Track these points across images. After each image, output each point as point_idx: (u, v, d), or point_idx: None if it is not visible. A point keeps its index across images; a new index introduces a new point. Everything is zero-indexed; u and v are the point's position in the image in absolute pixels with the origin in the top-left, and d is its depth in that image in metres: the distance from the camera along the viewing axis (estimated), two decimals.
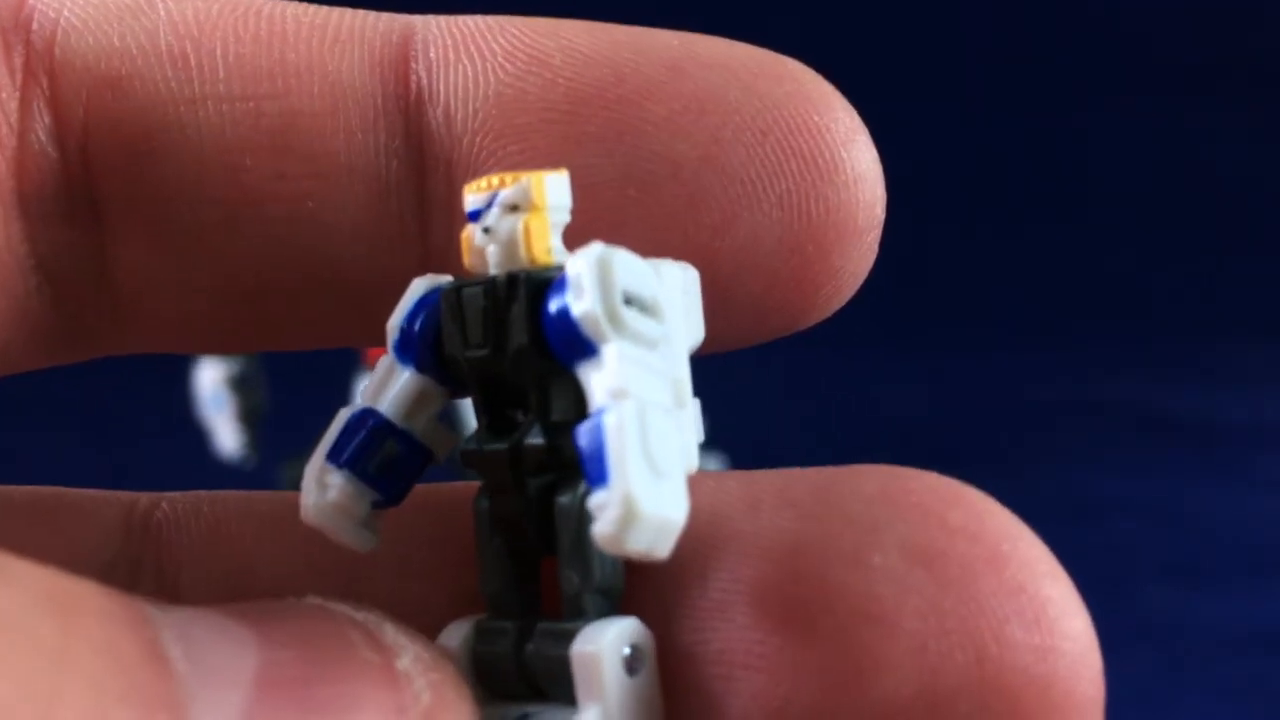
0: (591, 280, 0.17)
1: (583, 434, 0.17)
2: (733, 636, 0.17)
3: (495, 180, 0.18)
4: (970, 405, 0.91)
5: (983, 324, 0.94)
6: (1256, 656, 0.74)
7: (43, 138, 0.20)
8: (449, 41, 0.20)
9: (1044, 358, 0.93)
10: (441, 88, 0.20)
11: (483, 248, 0.18)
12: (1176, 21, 1.00)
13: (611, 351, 0.17)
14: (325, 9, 0.20)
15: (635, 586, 0.18)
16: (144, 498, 0.21)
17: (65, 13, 0.20)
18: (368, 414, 0.19)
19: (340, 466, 0.18)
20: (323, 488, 0.18)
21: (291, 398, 0.73)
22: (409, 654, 0.16)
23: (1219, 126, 1.00)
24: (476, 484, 0.19)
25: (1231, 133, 1.00)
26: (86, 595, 0.14)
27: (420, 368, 0.19)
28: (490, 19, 0.20)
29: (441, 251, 0.20)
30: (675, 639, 0.17)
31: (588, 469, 0.16)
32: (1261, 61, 1.00)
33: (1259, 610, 0.77)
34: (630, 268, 0.17)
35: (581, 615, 0.17)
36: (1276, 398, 0.92)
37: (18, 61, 0.20)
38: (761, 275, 0.18)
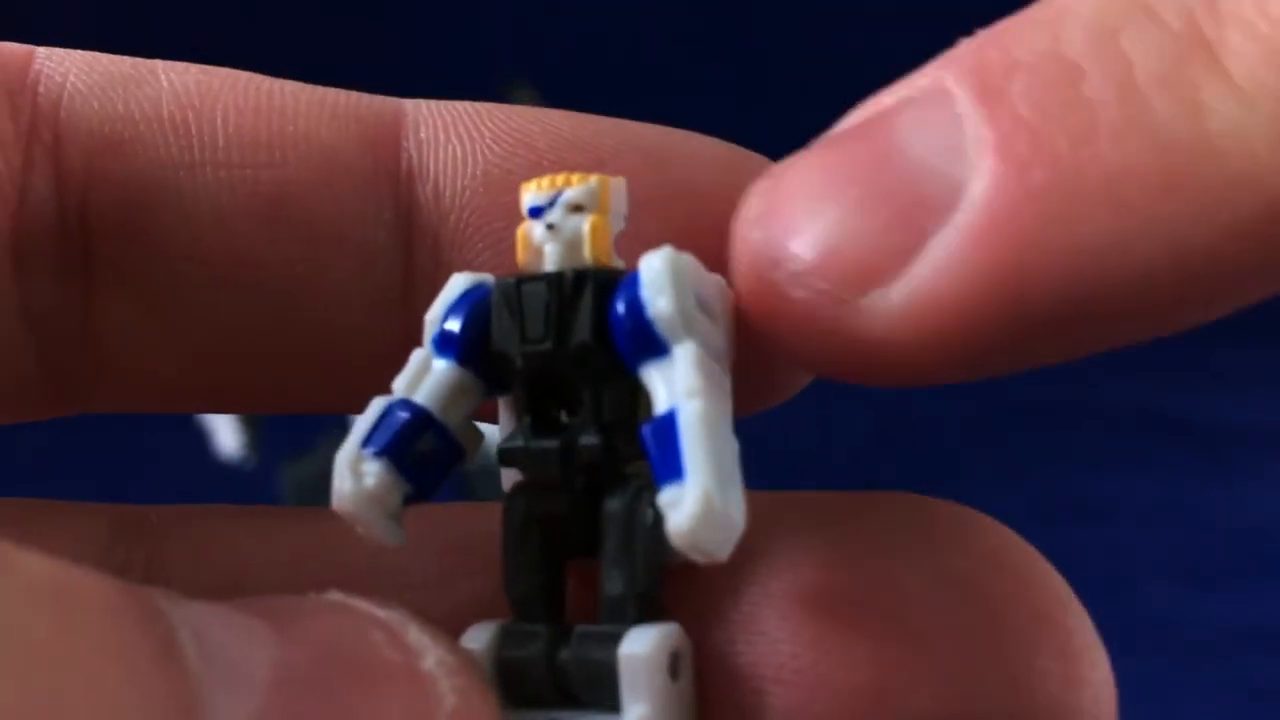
0: (669, 279, 0.17)
1: (654, 431, 0.17)
2: (765, 650, 0.17)
3: (559, 179, 0.18)
4: (970, 405, 0.91)
5: None
6: (1256, 656, 0.74)
7: (43, 195, 0.20)
8: (439, 122, 0.21)
9: None
10: (431, 165, 0.21)
11: (541, 244, 0.18)
12: None
13: (685, 351, 0.17)
14: (323, 88, 0.21)
15: (666, 596, 0.18)
16: (131, 509, 0.22)
17: (71, 77, 0.21)
18: (406, 404, 0.19)
19: (378, 455, 0.18)
20: (359, 475, 0.18)
21: None
22: (433, 656, 0.16)
23: None
24: (467, 503, 0.19)
25: None
26: (92, 588, 0.14)
27: (462, 361, 0.19)
28: (479, 105, 0.21)
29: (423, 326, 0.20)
30: (706, 650, 0.18)
31: (659, 466, 0.17)
32: None
33: (1259, 610, 0.77)
34: (698, 272, 0.18)
35: (622, 619, 0.17)
36: (1277, 399, 0.92)
37: (23, 122, 0.20)
38: (744, 345, 0.19)
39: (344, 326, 0.21)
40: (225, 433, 0.78)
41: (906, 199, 0.16)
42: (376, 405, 0.19)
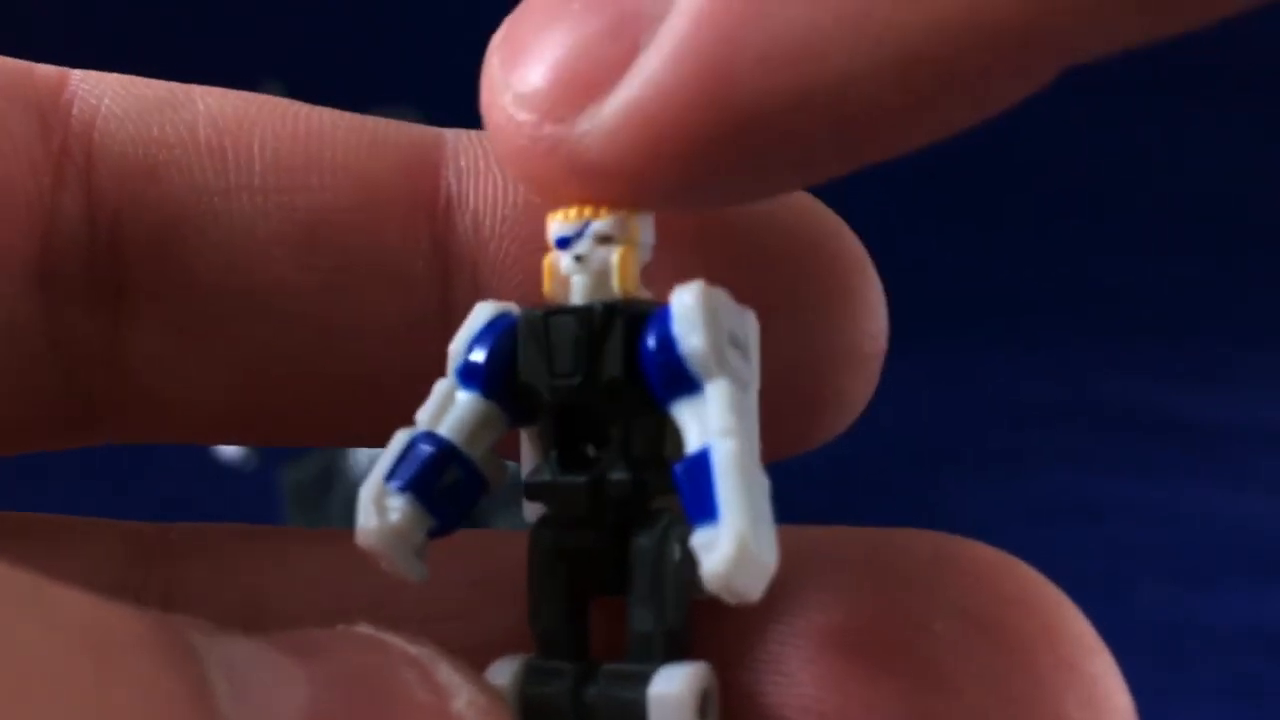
0: (702, 316, 0.17)
1: (687, 470, 0.17)
2: (790, 692, 0.17)
3: (587, 210, 0.18)
4: (970, 405, 0.91)
5: (982, 324, 0.94)
6: (1256, 656, 0.74)
7: (74, 218, 0.20)
8: (479, 152, 0.20)
9: (1044, 358, 0.93)
10: (471, 194, 0.20)
11: (568, 275, 0.18)
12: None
13: (718, 389, 0.17)
14: (361, 116, 0.21)
15: (693, 634, 0.18)
16: (149, 526, 0.21)
17: (106, 100, 0.20)
18: (430, 436, 0.18)
19: (402, 490, 0.18)
20: (384, 510, 0.18)
21: None
22: (464, 696, 0.15)
23: (1220, 127, 1.00)
24: (489, 531, 0.19)
25: (1232, 133, 1.00)
26: (127, 626, 0.13)
27: (487, 394, 0.19)
28: None
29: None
30: (731, 690, 0.17)
31: (692, 506, 0.16)
32: (1263, 62, 1.00)
33: (1259, 610, 0.77)
34: (730, 307, 0.17)
35: (650, 657, 0.17)
36: (1277, 398, 0.92)
37: (55, 144, 0.20)
38: (770, 394, 0.18)
39: (380, 357, 0.21)
40: None
41: (622, 9, 0.15)
42: (400, 438, 0.18)
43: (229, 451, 0.78)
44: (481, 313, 0.19)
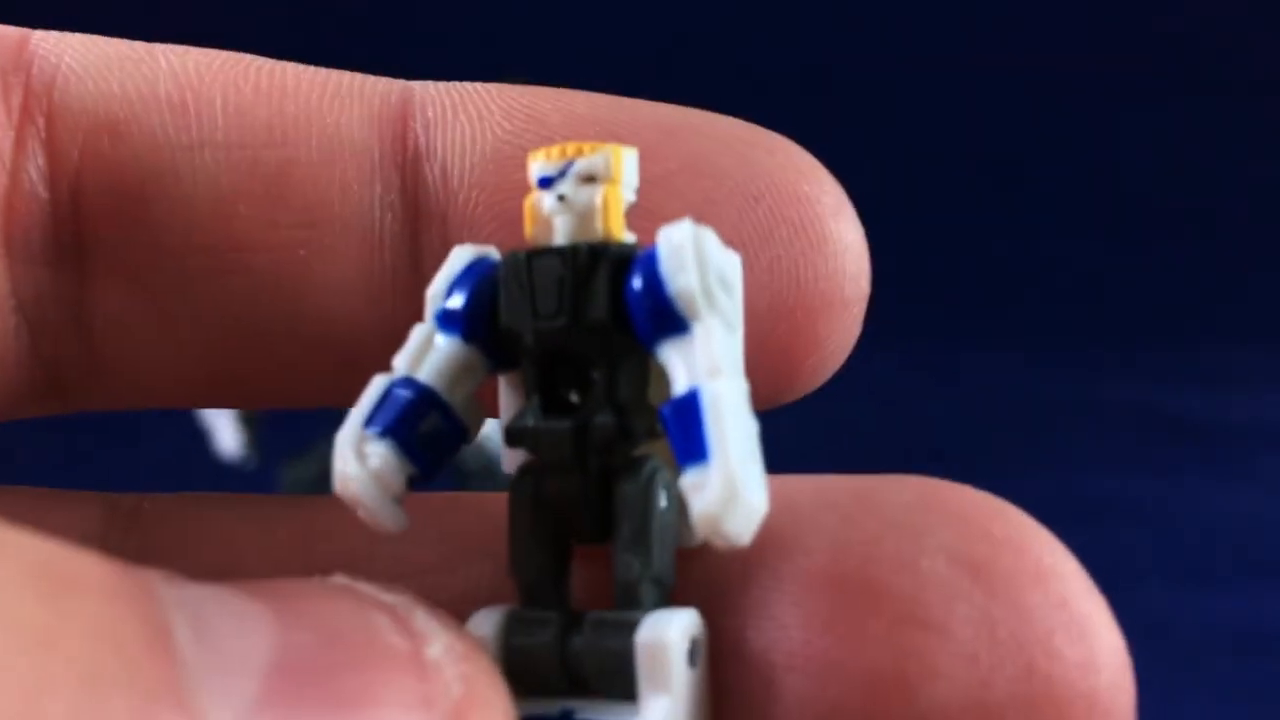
0: (691, 255, 0.16)
1: (676, 411, 0.16)
2: (776, 636, 0.17)
3: (570, 149, 0.18)
4: (970, 405, 0.91)
5: (982, 324, 0.94)
6: (1256, 656, 0.74)
7: (35, 179, 0.20)
8: (447, 101, 0.20)
9: (1044, 358, 0.93)
10: (439, 144, 0.20)
11: (551, 216, 0.18)
12: (1178, 24, 1.00)
13: (707, 329, 0.16)
14: (325, 70, 0.20)
15: (679, 581, 0.18)
16: (124, 497, 0.21)
17: (66, 58, 0.20)
18: (409, 382, 0.18)
19: (381, 435, 0.17)
20: (362, 456, 0.17)
21: None
22: (440, 642, 0.15)
23: (1219, 128, 1.00)
24: (463, 493, 0.19)
25: (1232, 134, 1.00)
26: (85, 569, 0.13)
27: (467, 338, 0.18)
28: (488, 85, 0.20)
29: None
30: (717, 636, 0.17)
31: (681, 447, 0.16)
32: (1263, 62, 1.00)
33: (1259, 610, 0.77)
34: (718, 247, 0.17)
35: (637, 605, 0.17)
36: (1277, 398, 0.92)
37: (15, 102, 0.20)
38: (750, 340, 0.18)
39: (349, 313, 0.20)
40: (225, 433, 0.78)
41: None
42: (378, 383, 0.18)
43: (229, 451, 0.78)
44: (460, 256, 0.18)
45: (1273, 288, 0.96)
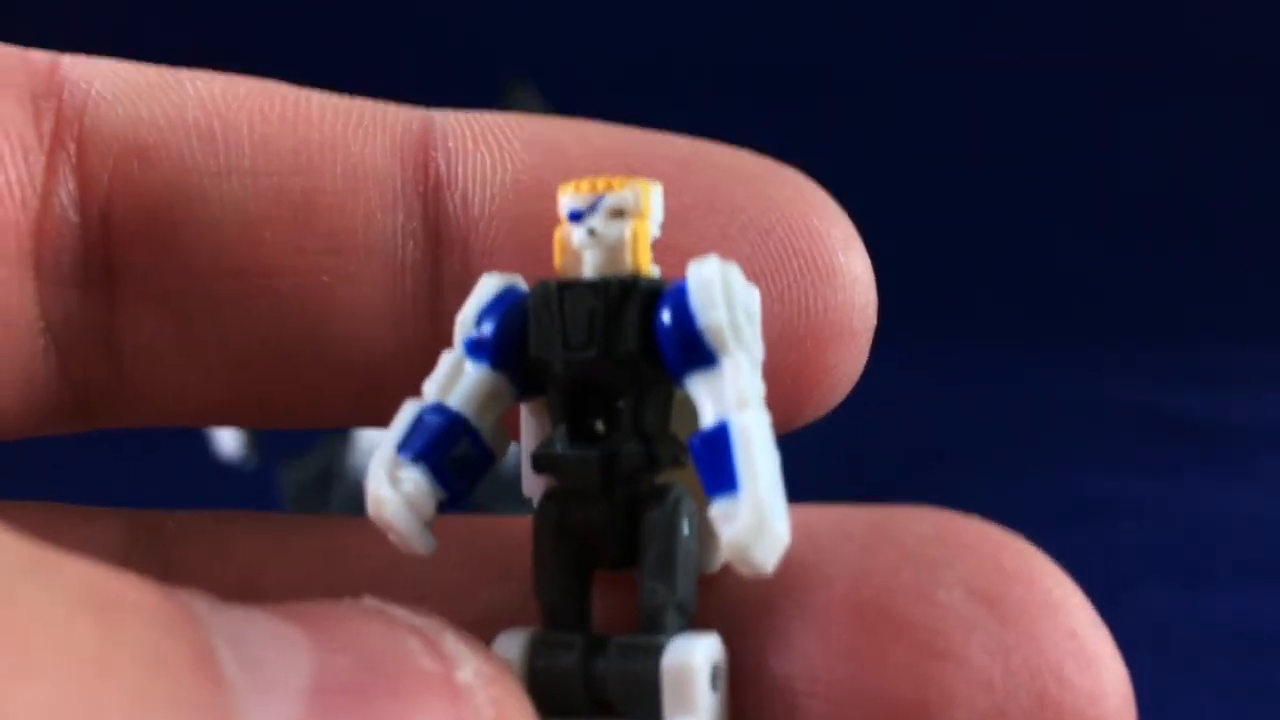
0: (720, 290, 0.17)
1: (706, 442, 0.17)
2: (798, 662, 0.17)
3: (600, 184, 0.18)
4: (970, 405, 0.91)
5: (982, 324, 0.94)
6: (1256, 656, 0.74)
7: (65, 203, 0.20)
8: (468, 132, 0.21)
9: (1044, 358, 0.93)
10: (460, 173, 0.20)
11: (580, 250, 0.18)
12: (1178, 23, 1.00)
13: (735, 363, 0.17)
14: (349, 98, 0.21)
15: (699, 607, 0.18)
16: (147, 514, 0.21)
17: (96, 84, 0.21)
18: (440, 409, 0.18)
19: (414, 461, 0.18)
20: (397, 481, 0.18)
21: None
22: (470, 666, 0.15)
23: (1219, 127, 1.00)
24: (481, 515, 0.19)
25: (1232, 134, 1.00)
26: (133, 594, 0.13)
27: (495, 365, 0.18)
28: (508, 115, 0.21)
29: (453, 332, 0.20)
30: (737, 662, 0.18)
31: (710, 478, 0.17)
32: (1263, 62, 1.00)
33: (1259, 610, 0.77)
34: (743, 282, 0.18)
35: (661, 630, 0.17)
36: (1277, 398, 0.92)
37: (47, 128, 0.20)
38: (763, 368, 0.18)
39: (372, 337, 0.21)
40: (225, 433, 0.78)
41: None
42: (410, 409, 0.18)
43: (229, 451, 0.79)
44: (489, 284, 0.19)
45: (1273, 288, 0.96)
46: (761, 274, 0.19)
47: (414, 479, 0.18)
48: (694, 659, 0.17)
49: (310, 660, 0.14)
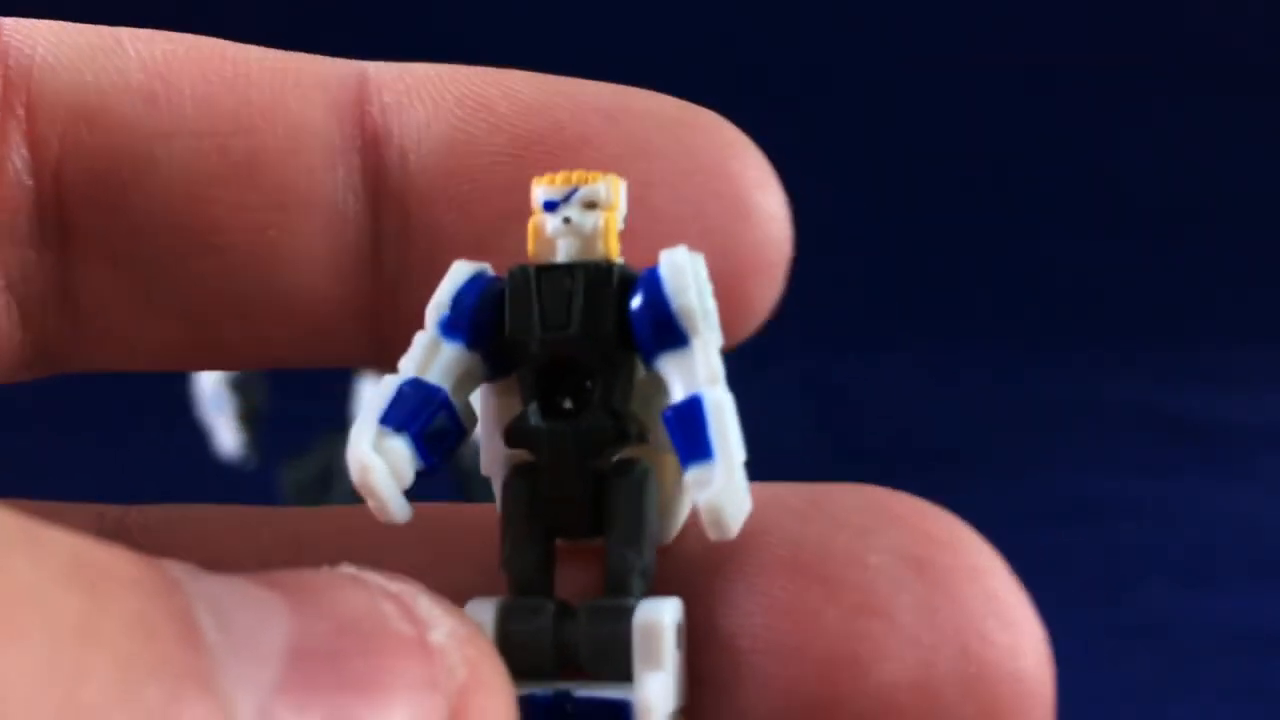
0: (691, 277, 0.19)
1: (680, 415, 0.18)
2: (742, 622, 0.19)
3: (573, 176, 0.19)
4: (970, 405, 0.91)
5: (982, 324, 0.94)
6: (1256, 656, 0.74)
7: (19, 167, 0.21)
8: (402, 87, 0.22)
9: (1044, 358, 0.93)
10: (396, 129, 0.22)
11: (554, 238, 0.19)
12: (1178, 23, 1.00)
13: (705, 342, 0.19)
14: (286, 53, 0.22)
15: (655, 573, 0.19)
16: (115, 508, 0.22)
17: (40, 50, 0.21)
18: (420, 383, 0.19)
19: (397, 431, 0.19)
20: (383, 451, 0.19)
21: (291, 398, 0.73)
22: (444, 628, 0.16)
23: (1219, 127, 1.00)
24: (435, 504, 0.20)
25: (1232, 134, 1.00)
26: (116, 563, 0.14)
27: (470, 345, 0.19)
28: (438, 66, 0.22)
29: (393, 281, 0.22)
30: (690, 623, 0.19)
31: (685, 446, 0.18)
32: (1263, 62, 1.00)
33: (1259, 610, 0.77)
34: (704, 268, 0.19)
35: (627, 593, 0.19)
36: (1277, 398, 0.92)
37: None
38: None
39: (315, 287, 0.22)
40: (225, 433, 0.78)
41: None
42: (389, 384, 0.19)
43: (229, 451, 0.79)
44: (462, 270, 0.20)
45: (1273, 288, 0.96)
46: (682, 216, 0.21)
47: (397, 448, 0.19)
48: (663, 618, 0.18)
49: (288, 624, 0.15)
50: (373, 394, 0.19)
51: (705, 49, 0.97)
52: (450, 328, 0.19)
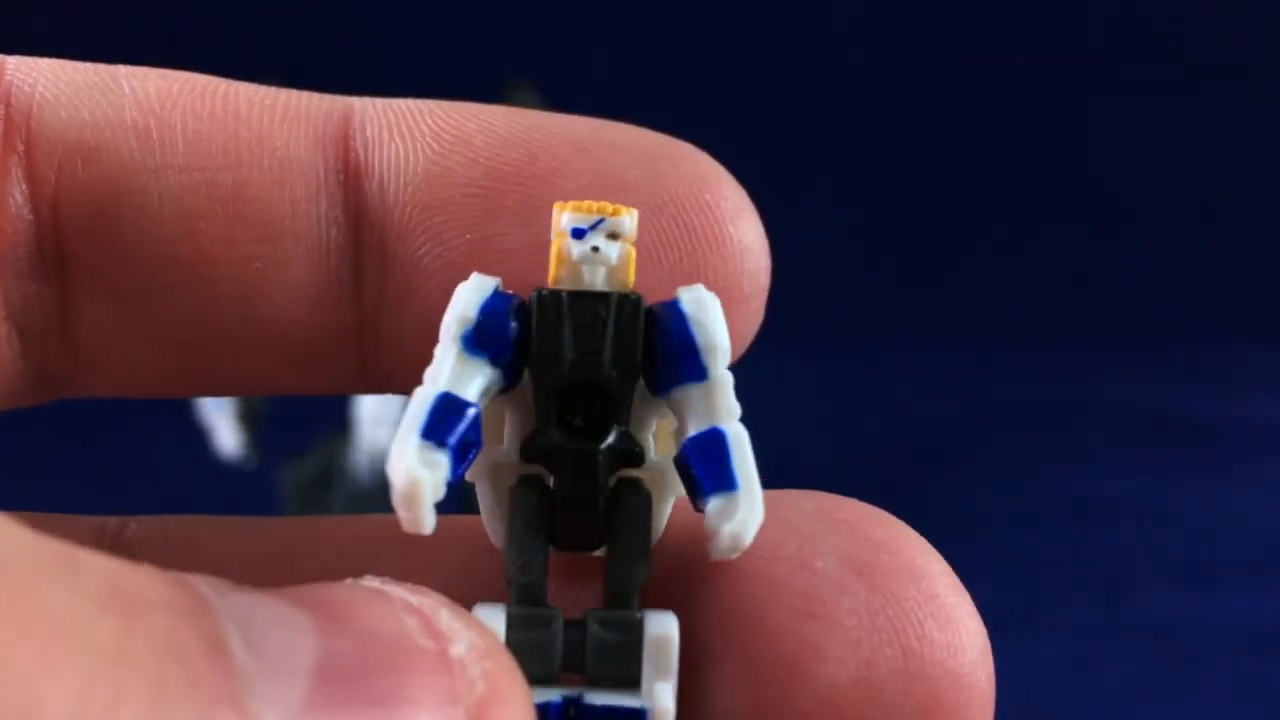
0: (714, 315, 0.20)
1: (700, 446, 0.19)
2: (698, 630, 0.20)
3: (596, 206, 0.20)
4: (970, 405, 0.91)
5: (983, 324, 0.94)
6: (1256, 656, 0.74)
7: (20, 202, 0.22)
8: (383, 122, 0.23)
9: (1044, 358, 0.93)
10: (376, 164, 0.22)
11: (579, 264, 0.20)
12: (1178, 23, 1.00)
13: (725, 378, 0.20)
14: (274, 90, 0.23)
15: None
16: (112, 520, 0.23)
17: (40, 87, 0.22)
18: (454, 398, 0.20)
19: (440, 446, 0.19)
20: (431, 466, 0.19)
21: (291, 399, 0.73)
22: (464, 641, 0.16)
23: (1219, 126, 1.00)
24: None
25: (1232, 134, 1.00)
26: (149, 585, 0.14)
27: (493, 361, 0.20)
28: (420, 102, 0.23)
29: (374, 309, 0.22)
30: None
31: (706, 478, 0.19)
32: (1264, 61, 1.00)
33: (1259, 610, 0.77)
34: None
35: (628, 606, 0.20)
36: (1277, 398, 0.92)
37: None
38: None
39: (299, 316, 0.22)
40: (225, 433, 0.78)
41: None
42: (425, 397, 0.19)
43: (229, 451, 0.79)
44: (483, 284, 0.20)
45: (1273, 288, 0.96)
46: (654, 247, 0.21)
47: (438, 462, 0.19)
48: (672, 631, 0.19)
49: (314, 642, 0.15)
50: (414, 406, 0.19)
51: (705, 49, 0.97)
52: (474, 343, 0.20)
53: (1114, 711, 0.68)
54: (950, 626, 0.19)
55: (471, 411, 0.19)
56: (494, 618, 0.19)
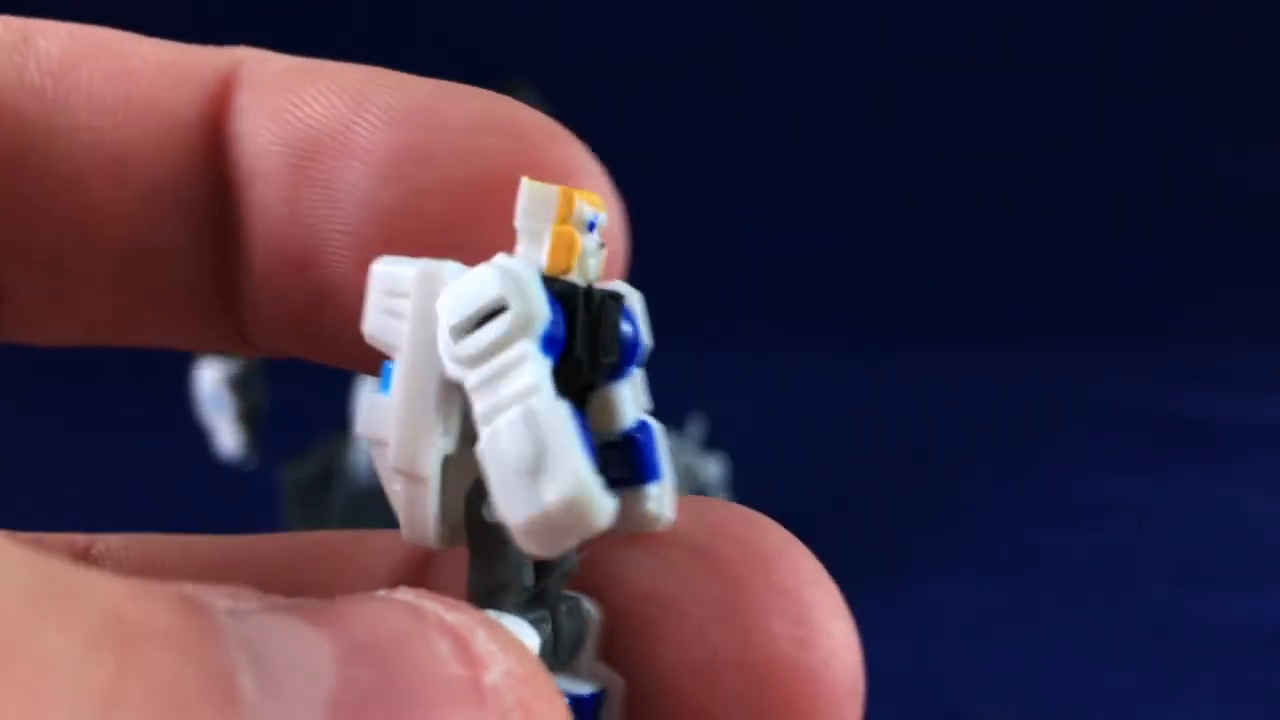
0: (643, 313, 0.20)
1: (643, 436, 0.20)
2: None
3: (598, 202, 0.20)
4: (970, 405, 0.91)
5: (983, 324, 0.94)
6: (1256, 656, 0.74)
7: None
8: (269, 81, 0.23)
9: (1044, 358, 0.93)
10: (251, 125, 0.22)
11: (588, 257, 0.19)
12: (1178, 23, 1.00)
13: (642, 374, 0.20)
14: (172, 45, 0.23)
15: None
16: (81, 538, 0.23)
17: None
18: (579, 414, 0.18)
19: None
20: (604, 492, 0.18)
21: (291, 398, 0.73)
22: (500, 666, 0.15)
23: (1219, 127, 1.00)
24: (354, 532, 0.21)
25: (1232, 134, 1.00)
26: (154, 617, 0.13)
27: (555, 363, 0.19)
28: (309, 61, 0.23)
29: (249, 269, 0.23)
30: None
31: (648, 466, 0.20)
32: (1264, 61, 1.00)
33: (1259, 610, 0.77)
34: None
35: (560, 593, 0.20)
36: (1277, 399, 0.92)
37: None
38: None
39: (180, 277, 0.23)
40: (225, 433, 0.78)
41: None
42: (565, 412, 0.18)
43: (229, 451, 0.79)
44: (530, 272, 0.18)
45: (1273, 288, 0.96)
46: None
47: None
48: (596, 611, 0.20)
49: (332, 670, 0.14)
50: (568, 423, 0.18)
51: (705, 49, 0.97)
52: (551, 344, 0.18)
53: (1114, 711, 0.68)
54: (800, 622, 0.19)
55: (584, 425, 0.18)
56: (523, 631, 0.18)
